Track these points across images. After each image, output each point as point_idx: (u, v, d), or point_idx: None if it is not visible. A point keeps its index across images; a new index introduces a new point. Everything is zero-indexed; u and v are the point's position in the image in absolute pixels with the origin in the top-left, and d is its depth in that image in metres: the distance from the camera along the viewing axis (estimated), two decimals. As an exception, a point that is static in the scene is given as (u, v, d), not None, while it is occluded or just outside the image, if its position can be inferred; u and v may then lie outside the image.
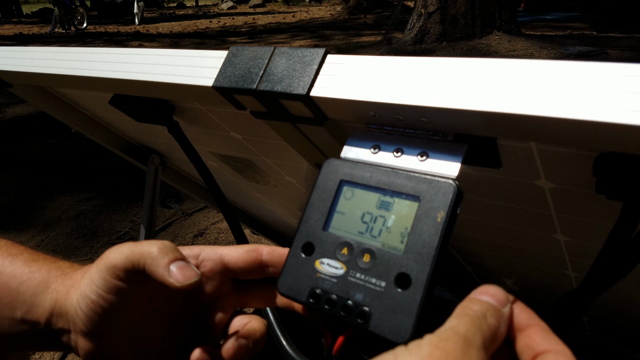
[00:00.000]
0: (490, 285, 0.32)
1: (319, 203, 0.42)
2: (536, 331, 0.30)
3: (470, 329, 0.28)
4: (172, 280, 0.36)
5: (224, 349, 0.40)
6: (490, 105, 0.35)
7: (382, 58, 0.43)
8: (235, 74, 0.51)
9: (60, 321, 0.40)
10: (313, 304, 0.38)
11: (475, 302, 0.30)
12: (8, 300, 0.40)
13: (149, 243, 0.38)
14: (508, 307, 0.31)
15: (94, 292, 0.38)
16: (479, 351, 0.27)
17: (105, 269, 0.38)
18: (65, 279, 0.41)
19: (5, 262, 0.42)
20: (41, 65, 0.73)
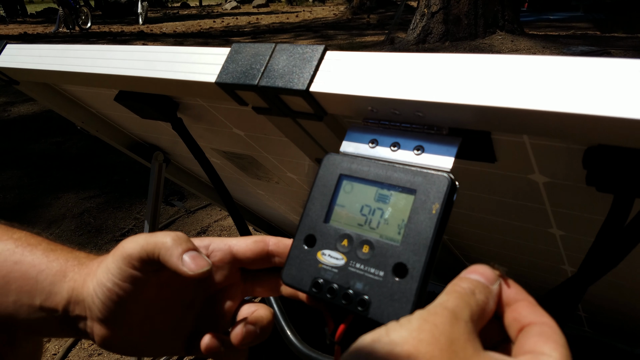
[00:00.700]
0: (480, 265, 0.34)
1: (320, 197, 0.43)
2: (523, 305, 0.32)
3: (458, 304, 0.29)
4: (185, 269, 0.38)
5: (232, 334, 0.41)
6: (482, 99, 0.37)
7: (379, 54, 0.45)
8: (238, 70, 0.52)
9: (77, 308, 0.42)
10: (316, 293, 0.39)
11: (465, 280, 0.32)
12: (27, 288, 0.42)
13: (163, 234, 0.40)
14: (497, 285, 0.32)
15: (110, 281, 0.39)
16: (466, 324, 0.28)
17: (121, 258, 0.39)
18: (82, 268, 0.43)
19: (25, 252, 0.44)
20: (47, 63, 0.75)
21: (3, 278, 0.42)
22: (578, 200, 0.57)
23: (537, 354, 0.29)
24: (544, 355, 0.28)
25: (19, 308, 0.42)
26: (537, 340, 0.29)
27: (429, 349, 0.26)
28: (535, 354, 0.29)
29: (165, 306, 0.43)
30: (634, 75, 0.33)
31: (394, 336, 0.27)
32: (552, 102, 0.35)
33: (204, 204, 2.16)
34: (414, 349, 0.26)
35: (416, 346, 0.26)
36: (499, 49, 5.20)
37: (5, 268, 0.43)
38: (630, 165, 0.41)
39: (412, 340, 0.26)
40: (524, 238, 0.75)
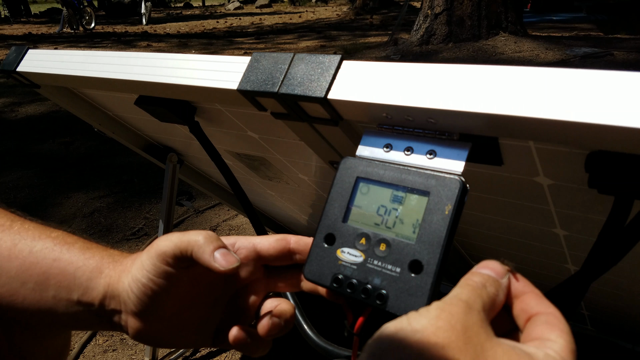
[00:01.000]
0: (490, 260, 0.37)
1: (338, 198, 0.46)
2: (530, 297, 0.35)
3: (471, 295, 0.32)
4: (216, 265, 0.41)
5: (260, 325, 0.44)
6: (492, 107, 0.40)
7: (393, 64, 0.48)
8: (258, 78, 0.55)
9: (113, 302, 0.45)
10: (336, 288, 0.42)
11: (476, 274, 0.35)
12: (66, 284, 0.45)
13: (195, 233, 0.43)
14: (506, 278, 0.36)
15: (145, 277, 0.42)
16: (478, 314, 0.31)
17: (156, 255, 0.42)
18: (117, 265, 0.46)
19: (63, 250, 0.46)
20: (70, 68, 0.78)
21: (43, 274, 0.45)
22: (581, 201, 0.60)
23: (543, 340, 0.31)
24: (550, 342, 0.31)
25: (58, 302, 0.45)
26: (543, 328, 0.32)
27: (446, 335, 0.29)
28: (542, 340, 0.32)
29: (195, 300, 0.46)
30: (631, 86, 0.36)
31: (414, 324, 0.30)
32: (555, 111, 0.37)
33: (212, 203, 2.19)
34: (433, 335, 0.29)
35: (435, 332, 0.29)
36: (502, 51, 5.22)
37: (45, 265, 0.45)
38: (629, 170, 0.44)
39: (431, 327, 0.29)
40: (529, 238, 0.78)
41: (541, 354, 0.30)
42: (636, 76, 0.36)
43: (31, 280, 0.44)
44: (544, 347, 0.31)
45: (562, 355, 0.30)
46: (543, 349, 0.31)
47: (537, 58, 4.94)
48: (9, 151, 3.12)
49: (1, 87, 5.11)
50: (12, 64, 0.86)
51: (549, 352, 0.30)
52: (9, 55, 0.88)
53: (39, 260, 0.45)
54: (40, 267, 0.45)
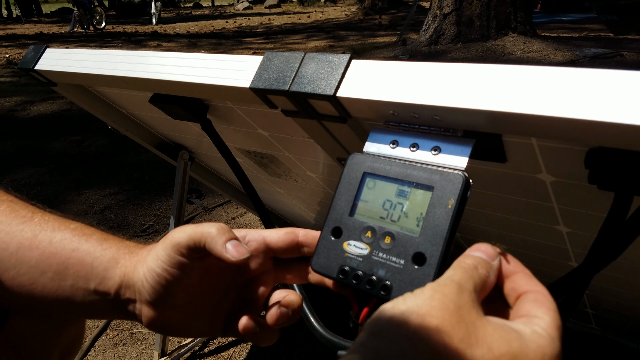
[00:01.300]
0: (482, 243, 0.39)
1: (345, 192, 0.48)
2: (520, 276, 0.37)
3: (463, 277, 0.34)
4: (228, 256, 0.43)
5: (268, 315, 0.46)
6: (493, 105, 0.41)
7: (400, 63, 0.49)
8: (270, 76, 0.57)
9: (128, 292, 0.46)
10: (342, 279, 0.44)
11: (469, 257, 0.37)
12: (84, 274, 0.47)
13: (209, 225, 0.45)
14: (497, 260, 0.38)
15: (159, 267, 0.44)
16: (470, 294, 0.33)
17: (171, 246, 0.44)
18: (132, 256, 0.48)
19: (81, 241, 0.48)
20: (87, 67, 0.80)
21: (62, 264, 0.47)
22: (583, 198, 0.61)
23: (531, 317, 0.33)
24: (537, 318, 0.33)
25: (76, 291, 0.47)
26: (531, 306, 0.34)
27: (439, 313, 0.31)
28: (529, 317, 0.34)
29: (206, 291, 0.48)
30: (629, 85, 0.37)
31: (410, 303, 0.32)
32: (555, 108, 0.39)
33: (221, 201, 2.21)
34: (427, 313, 0.31)
35: (429, 312, 0.31)
36: (511, 51, 5.21)
37: (64, 255, 0.47)
38: (628, 166, 0.45)
39: (425, 306, 0.31)
40: (533, 235, 0.79)
41: (528, 330, 0.32)
42: (634, 74, 0.38)
43: (50, 270, 0.46)
44: (531, 324, 0.33)
45: (548, 331, 0.32)
46: (530, 326, 0.32)
47: (546, 59, 4.93)
48: (22, 149, 3.16)
49: (14, 85, 5.18)
50: (31, 62, 0.89)
51: (535, 329, 0.32)
52: (27, 54, 0.91)
53: (58, 250, 0.47)
54: (59, 257, 0.47)
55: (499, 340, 0.30)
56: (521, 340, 0.31)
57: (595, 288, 0.96)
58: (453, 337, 0.30)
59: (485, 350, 0.30)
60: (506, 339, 0.31)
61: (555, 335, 0.32)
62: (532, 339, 0.31)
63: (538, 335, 0.32)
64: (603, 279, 0.88)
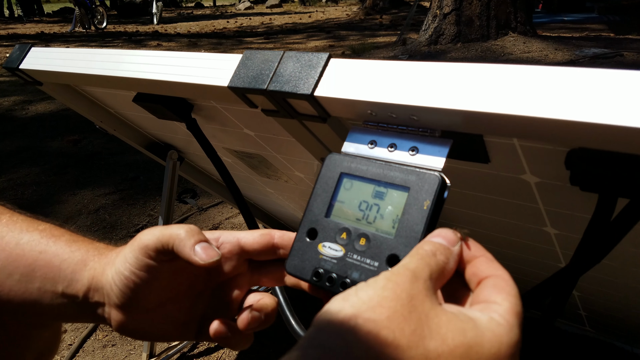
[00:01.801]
0: (443, 229, 0.37)
1: (322, 193, 0.47)
2: (481, 261, 0.36)
3: (419, 264, 0.33)
4: (196, 259, 0.41)
5: (239, 319, 0.45)
6: (468, 104, 0.40)
7: (379, 62, 0.48)
8: (248, 75, 0.56)
9: (96, 295, 0.45)
10: (316, 281, 0.43)
11: (427, 243, 0.36)
12: (51, 276, 0.46)
13: (177, 226, 0.43)
14: (458, 246, 0.36)
15: (127, 269, 0.43)
16: (424, 282, 0.32)
17: (138, 248, 0.43)
18: (102, 258, 0.46)
19: (50, 242, 0.47)
20: (71, 66, 0.79)
21: (29, 266, 0.46)
22: (569, 199, 0.60)
23: (489, 303, 0.32)
24: (496, 304, 0.32)
25: (43, 294, 0.46)
26: (490, 291, 0.33)
27: (391, 304, 0.29)
28: (487, 303, 0.32)
29: (177, 294, 0.46)
30: (608, 84, 0.36)
31: (361, 294, 0.30)
32: (532, 108, 0.38)
33: (215, 201, 2.20)
34: (378, 304, 0.29)
35: (380, 302, 0.29)
36: (511, 51, 5.19)
37: (32, 257, 0.46)
38: (610, 167, 0.44)
39: (377, 297, 0.30)
40: (521, 237, 0.78)
41: (485, 318, 0.30)
42: (612, 73, 0.36)
43: (17, 272, 0.45)
44: (489, 311, 0.31)
45: (506, 317, 0.31)
46: (487, 313, 0.31)
47: (545, 59, 4.91)
48: (19, 149, 3.16)
49: (13, 85, 5.18)
50: (15, 61, 0.88)
51: (493, 316, 0.31)
52: (12, 53, 0.90)
53: (25, 252, 0.46)
54: (26, 259, 0.46)
55: (454, 330, 0.29)
56: (477, 329, 0.29)
57: (586, 290, 0.95)
58: (404, 329, 0.28)
59: (439, 342, 0.28)
60: (461, 329, 0.29)
61: (513, 322, 0.31)
62: (488, 327, 0.30)
63: (495, 323, 0.30)
64: (594, 281, 0.87)
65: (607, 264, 0.76)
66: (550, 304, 0.57)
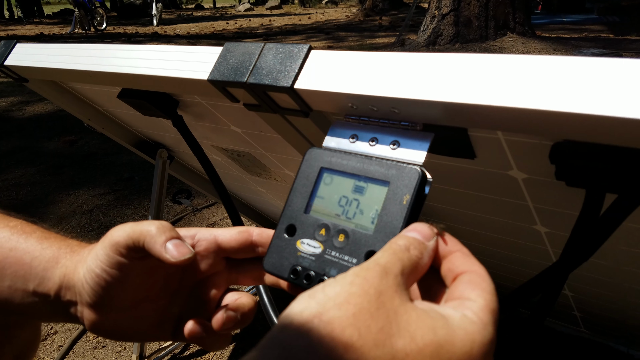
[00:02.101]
0: (418, 223, 0.36)
1: (302, 188, 0.45)
2: (457, 256, 0.34)
3: (390, 259, 0.31)
4: (167, 256, 0.40)
5: (214, 319, 0.44)
6: (447, 96, 0.39)
7: (360, 54, 0.47)
8: (228, 68, 0.55)
9: (68, 293, 0.44)
10: (293, 279, 0.42)
11: (401, 237, 0.34)
12: (22, 274, 0.44)
13: (149, 223, 0.42)
14: (433, 241, 0.35)
15: (98, 267, 0.42)
16: (395, 278, 0.30)
17: (109, 245, 0.41)
18: (74, 256, 0.45)
19: (20, 239, 0.46)
20: (54, 61, 0.78)
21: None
22: (557, 196, 0.59)
23: (463, 300, 0.31)
24: (470, 301, 0.30)
25: (14, 293, 0.44)
26: (465, 287, 0.31)
27: (358, 300, 0.28)
28: (462, 299, 0.31)
29: (151, 292, 0.45)
30: (592, 72, 0.35)
31: (328, 290, 0.29)
32: (513, 99, 0.36)
33: (210, 202, 2.19)
34: (344, 301, 0.28)
35: (347, 299, 0.28)
36: (510, 51, 5.19)
37: (1, 254, 0.45)
38: (595, 160, 0.43)
39: (344, 293, 0.28)
40: (511, 235, 0.77)
41: (457, 315, 0.29)
42: (595, 61, 0.35)
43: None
44: (462, 308, 0.30)
45: (479, 315, 0.29)
46: (460, 310, 0.30)
47: (544, 59, 4.90)
48: (15, 149, 3.15)
49: (11, 86, 5.17)
50: (0, 58, 0.86)
51: (466, 313, 0.29)
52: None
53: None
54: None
55: (424, 328, 0.28)
56: (448, 327, 0.28)
57: (580, 291, 0.94)
58: (371, 326, 0.27)
59: (408, 340, 0.27)
60: (431, 326, 0.28)
61: (487, 320, 0.29)
62: (460, 325, 0.28)
63: (468, 320, 0.29)
64: (588, 282, 0.86)
65: (600, 263, 0.75)
66: (540, 302, 0.56)
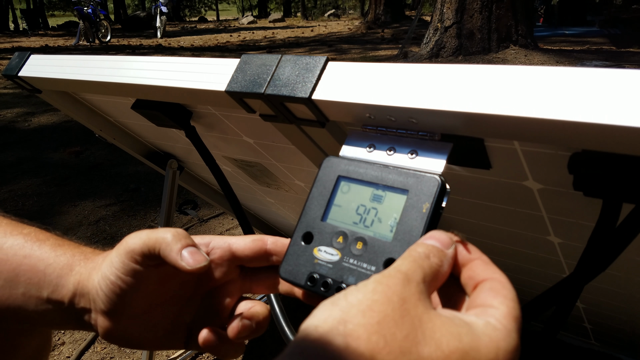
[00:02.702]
0: (437, 231, 0.36)
1: (319, 196, 0.46)
2: (477, 264, 0.34)
3: (411, 267, 0.31)
4: (183, 264, 0.40)
5: (229, 328, 0.43)
6: (467, 106, 0.39)
7: (377, 65, 0.48)
8: (246, 79, 0.55)
9: (82, 301, 0.44)
10: (310, 287, 0.42)
11: (421, 245, 0.34)
12: (36, 281, 0.44)
13: (164, 230, 0.42)
14: (452, 249, 0.35)
15: (113, 274, 0.42)
16: (417, 285, 0.30)
17: (124, 252, 0.42)
18: (88, 263, 0.45)
19: (34, 247, 0.46)
20: (68, 72, 0.79)
21: (13, 271, 0.45)
22: (572, 207, 0.59)
23: (485, 307, 0.31)
24: (492, 309, 0.30)
25: (28, 300, 0.45)
26: (487, 295, 0.31)
27: (382, 308, 0.28)
28: (484, 307, 0.31)
29: (165, 300, 0.45)
30: (610, 84, 0.35)
31: (350, 298, 0.29)
32: (533, 109, 0.37)
33: (216, 213, 2.19)
34: (368, 308, 0.28)
35: (370, 306, 0.28)
36: (513, 64, 5.20)
37: (15, 261, 0.45)
38: (614, 170, 0.43)
39: (367, 301, 0.28)
40: (524, 246, 0.77)
41: (481, 322, 0.29)
42: (613, 72, 0.35)
43: (1, 277, 0.44)
44: (485, 315, 0.30)
45: (503, 322, 0.29)
46: (484, 317, 0.30)
47: (547, 71, 4.92)
48: (21, 160, 3.16)
49: (16, 97, 5.21)
50: (15, 69, 0.87)
51: (489, 320, 0.29)
52: (12, 61, 0.90)
53: (9, 257, 0.45)
54: (10, 264, 0.45)
55: (448, 335, 0.28)
56: (473, 334, 0.28)
57: (591, 302, 0.93)
58: (396, 334, 0.27)
59: (433, 347, 0.27)
60: (456, 333, 0.28)
61: (511, 327, 0.29)
62: (485, 332, 0.28)
63: (492, 327, 0.29)
64: (599, 293, 0.86)
65: (613, 274, 0.75)
66: (554, 315, 0.55)
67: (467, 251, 0.35)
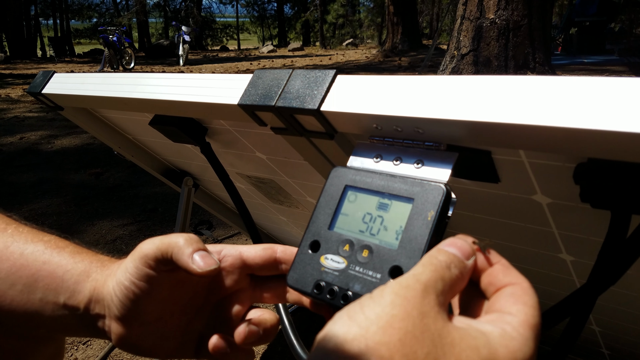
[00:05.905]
0: (459, 238, 0.35)
1: (326, 205, 0.46)
2: (497, 269, 0.33)
3: (432, 277, 0.30)
4: (194, 267, 0.41)
5: (236, 333, 0.44)
6: (472, 115, 0.40)
7: (384, 77, 0.49)
8: (258, 92, 0.57)
9: (97, 307, 0.45)
10: (317, 294, 0.42)
11: (442, 252, 0.33)
12: (54, 287, 0.46)
13: (177, 235, 0.43)
14: (472, 260, 0.34)
15: (127, 280, 0.43)
16: (437, 297, 0.29)
17: (138, 257, 0.43)
18: (104, 270, 0.46)
19: (53, 253, 0.47)
20: (88, 89, 0.82)
21: (32, 276, 0.46)
22: (583, 222, 0.59)
23: (503, 314, 0.30)
24: (510, 316, 0.30)
25: (45, 305, 0.46)
26: (506, 301, 0.31)
27: (402, 324, 0.27)
28: (501, 313, 0.30)
29: (177, 308, 0.46)
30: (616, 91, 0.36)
31: (368, 312, 0.28)
32: (537, 117, 0.37)
33: (231, 233, 2.21)
34: (388, 325, 0.27)
35: (390, 322, 0.27)
36: (530, 91, 5.20)
37: (35, 267, 0.46)
38: (621, 180, 0.43)
39: (386, 316, 0.28)
40: (534, 264, 0.76)
41: (497, 332, 0.29)
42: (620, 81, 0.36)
43: (20, 282, 0.45)
44: (501, 322, 0.29)
45: (519, 331, 0.29)
46: (500, 325, 0.29)
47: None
48: (42, 180, 3.23)
49: (41, 120, 5.35)
50: (39, 86, 0.91)
51: (505, 328, 0.29)
52: (36, 79, 0.93)
53: (29, 262, 0.46)
54: (29, 270, 0.46)
55: (467, 350, 0.27)
56: (490, 346, 0.28)
57: (608, 324, 0.91)
58: (418, 352, 0.26)
59: None
60: (474, 346, 0.27)
61: (528, 335, 0.29)
62: (502, 343, 0.28)
63: (509, 337, 0.28)
64: (615, 314, 0.84)
65: (629, 294, 0.73)
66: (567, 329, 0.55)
67: (487, 261, 0.34)
